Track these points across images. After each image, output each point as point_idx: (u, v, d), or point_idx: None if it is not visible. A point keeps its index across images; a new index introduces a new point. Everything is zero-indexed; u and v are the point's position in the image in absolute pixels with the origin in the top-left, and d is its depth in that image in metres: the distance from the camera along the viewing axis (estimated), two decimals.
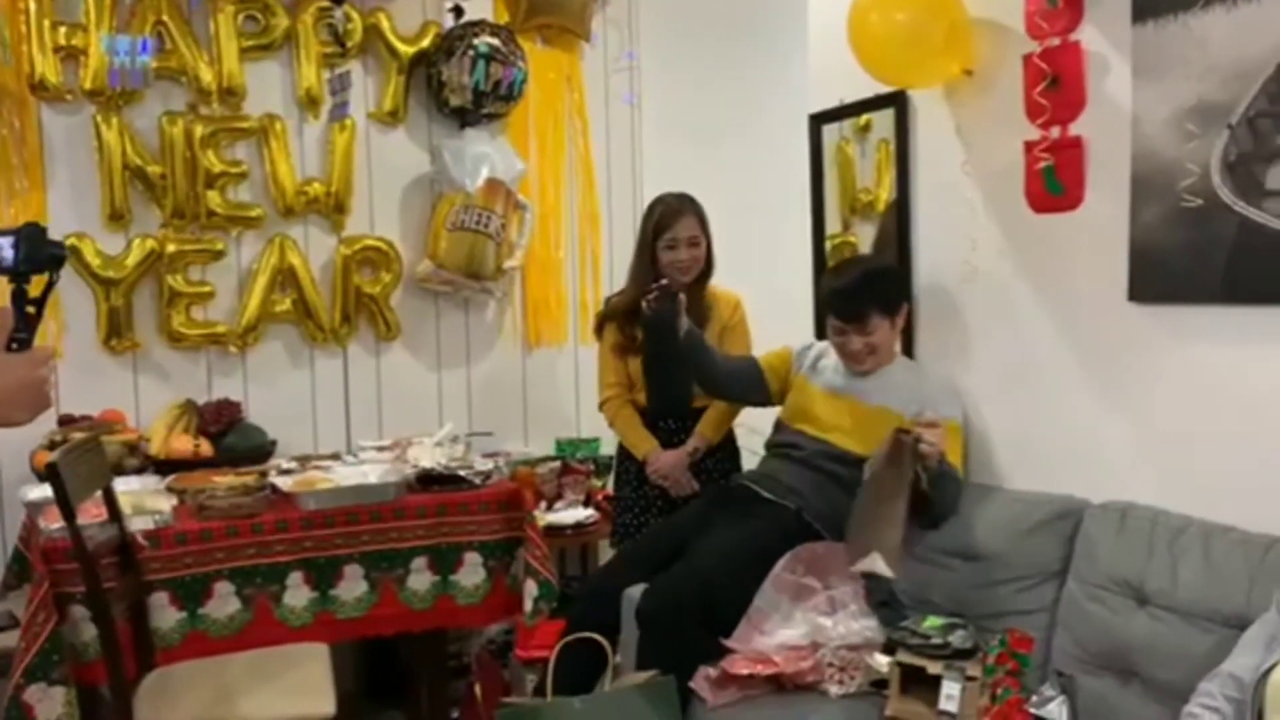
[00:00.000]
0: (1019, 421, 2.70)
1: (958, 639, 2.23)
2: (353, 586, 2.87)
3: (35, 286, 1.49)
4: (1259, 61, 2.06)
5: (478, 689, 3.18)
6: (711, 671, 2.38)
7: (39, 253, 1.50)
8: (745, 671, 2.34)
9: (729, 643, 2.42)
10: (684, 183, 3.19)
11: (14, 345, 1.44)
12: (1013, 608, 2.39)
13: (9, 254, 1.48)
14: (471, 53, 3.52)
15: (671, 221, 3.04)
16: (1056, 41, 2.45)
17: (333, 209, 3.60)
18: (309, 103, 3.55)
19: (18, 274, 1.47)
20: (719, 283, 3.20)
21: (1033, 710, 2.19)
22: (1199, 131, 2.18)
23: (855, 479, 2.56)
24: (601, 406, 3.27)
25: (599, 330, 3.24)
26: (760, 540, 2.58)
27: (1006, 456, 2.72)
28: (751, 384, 2.94)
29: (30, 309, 1.46)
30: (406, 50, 3.64)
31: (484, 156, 3.62)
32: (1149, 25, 2.27)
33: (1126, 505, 2.29)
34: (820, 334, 3.00)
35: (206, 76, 3.39)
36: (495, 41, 3.57)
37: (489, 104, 3.61)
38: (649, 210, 3.14)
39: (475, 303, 3.85)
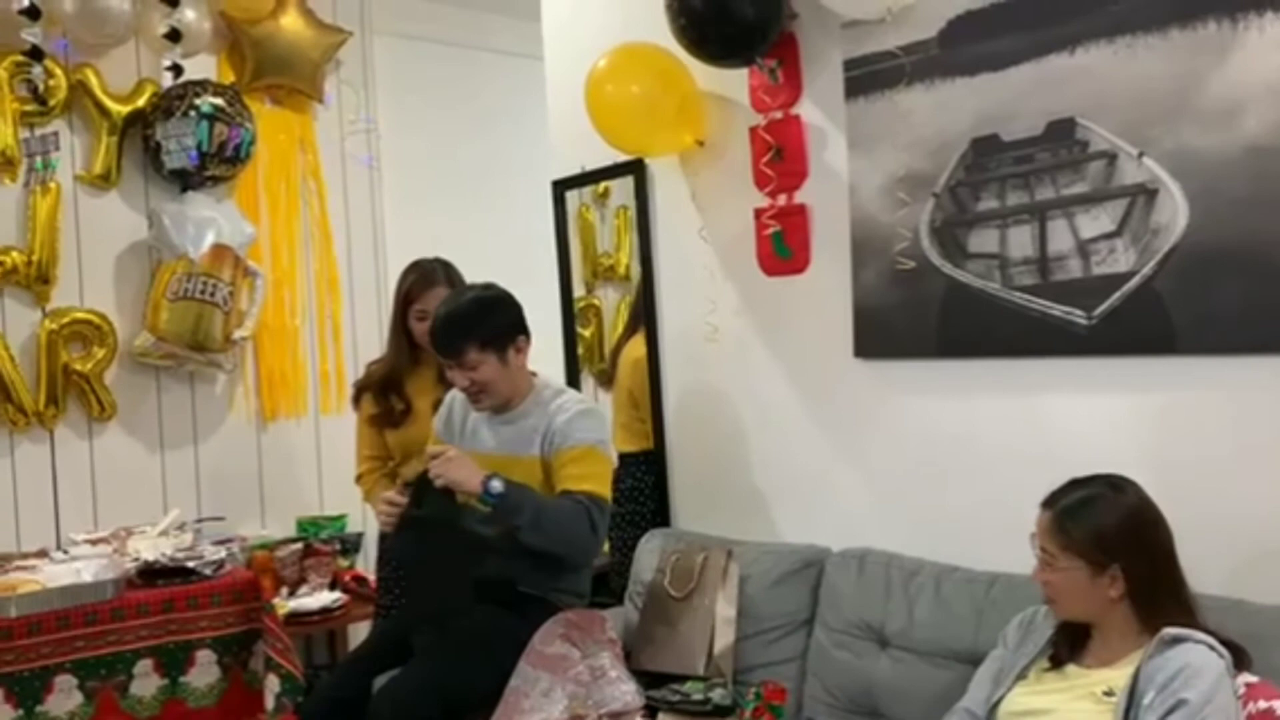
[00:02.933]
0: (764, 474, 2.79)
1: (718, 696, 2.26)
2: (64, 700, 2.57)
3: None
4: (956, 136, 2.27)
5: None
6: None
7: None
8: None
9: None
10: (428, 246, 3.13)
11: None
12: (766, 659, 2.44)
13: None
14: (193, 113, 3.32)
15: (421, 292, 2.92)
16: (779, 114, 2.59)
17: (35, 279, 3.27)
18: (5, 164, 3.23)
19: None
20: None
21: None
22: (909, 199, 2.35)
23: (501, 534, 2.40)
24: (357, 480, 3.10)
25: (356, 401, 3.08)
26: (496, 623, 2.47)
27: (755, 508, 2.80)
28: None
29: None
30: (119, 109, 3.38)
31: (209, 221, 3.41)
32: (860, 101, 2.44)
33: (864, 551, 2.41)
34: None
35: None
36: (219, 101, 3.39)
37: (213, 166, 3.42)
38: (402, 277, 3.01)
39: (202, 376, 3.60)
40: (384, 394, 2.96)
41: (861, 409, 2.52)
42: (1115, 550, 1.68)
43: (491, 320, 2.50)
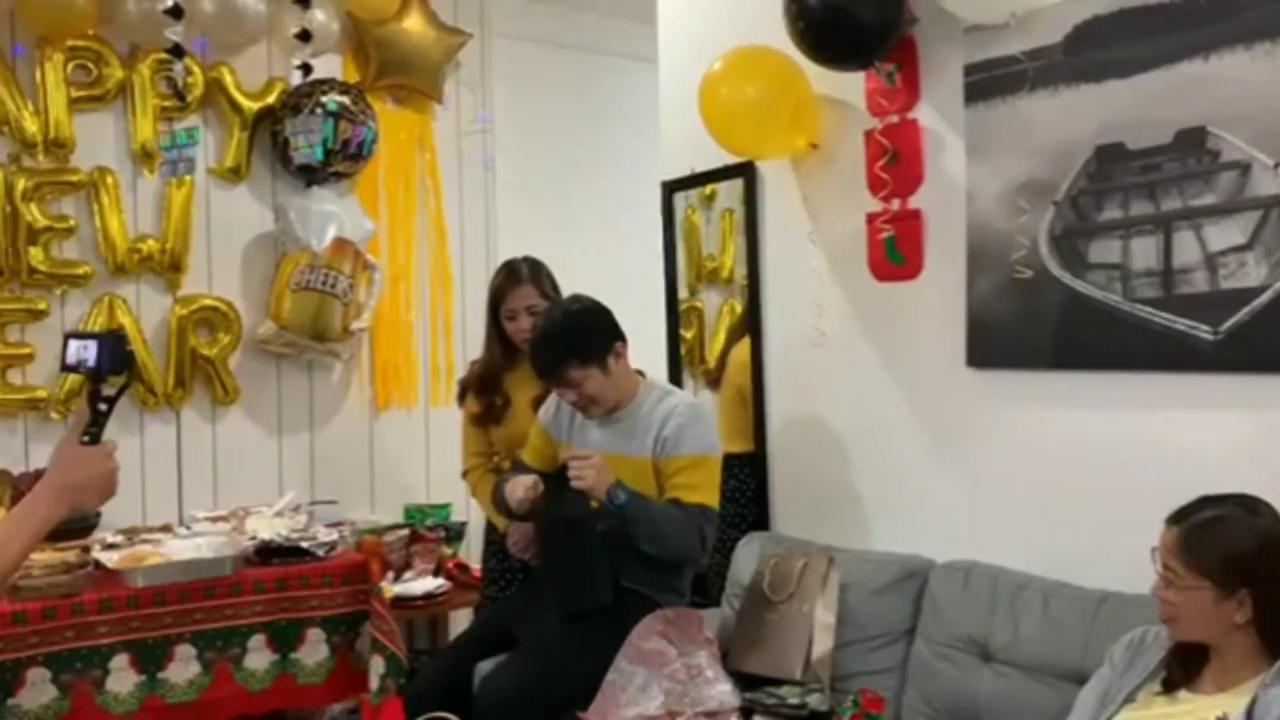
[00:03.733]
0: (868, 481, 2.77)
1: (814, 701, 2.25)
2: (184, 668, 2.67)
3: (109, 385, 1.65)
4: (1079, 143, 2.21)
5: None
6: None
7: (119, 357, 1.68)
8: None
9: (584, 716, 2.37)
10: (538, 245, 3.18)
11: (86, 439, 1.61)
12: (864, 668, 2.42)
13: (93, 357, 1.65)
14: (320, 110, 3.45)
15: (508, 291, 2.95)
16: (896, 119, 2.57)
17: (168, 267, 3.44)
18: (144, 156, 3.40)
19: (98, 376, 1.64)
20: None
21: None
22: (1028, 207, 2.31)
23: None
24: (464, 475, 3.18)
25: (461, 398, 3.16)
26: (597, 616, 2.50)
27: (857, 515, 2.78)
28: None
29: (103, 406, 1.64)
30: (250, 106, 3.53)
31: (331, 215, 3.53)
32: (980, 106, 2.41)
33: (970, 564, 2.37)
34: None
35: (31, 127, 3.21)
36: (344, 99, 3.51)
37: (337, 162, 3.54)
38: (494, 276, 3.09)
39: (320, 365, 3.73)
40: (484, 391, 3.03)
41: (971, 419, 2.48)
42: (1246, 575, 1.62)
43: (586, 334, 2.55)
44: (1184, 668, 1.72)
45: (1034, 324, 2.32)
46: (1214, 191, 2.01)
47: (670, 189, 3.38)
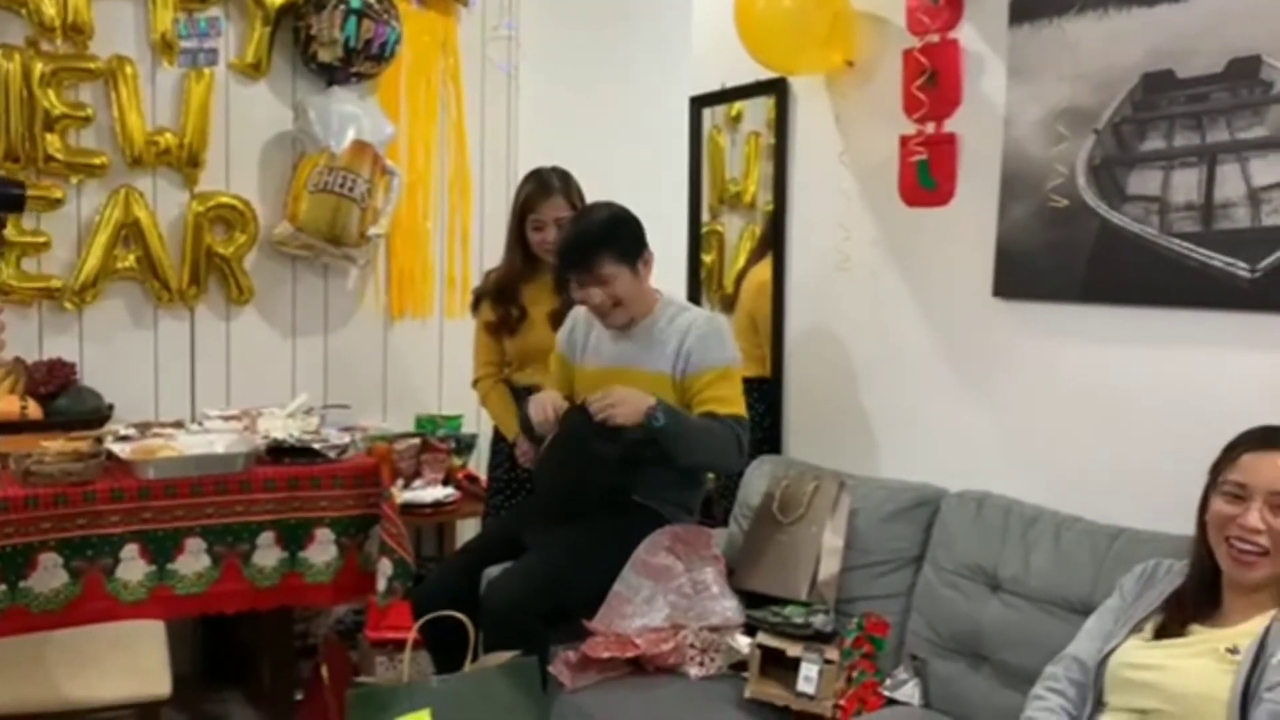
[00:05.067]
0: (884, 408, 2.75)
1: (819, 622, 2.26)
2: (193, 561, 2.70)
3: None
4: (1126, 70, 2.14)
5: (324, 670, 3.05)
6: (571, 655, 2.34)
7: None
8: (605, 654, 2.31)
9: (590, 625, 2.39)
10: (560, 157, 3.13)
11: None
12: (870, 592, 2.43)
13: None
14: (343, 7, 3.37)
15: (538, 201, 2.93)
16: (936, 38, 2.49)
17: (185, 162, 3.40)
18: (164, 47, 3.34)
19: None
20: None
21: (887, 692, 2.24)
22: (1068, 134, 2.24)
23: (645, 455, 2.46)
24: (474, 385, 3.17)
25: (475, 306, 3.14)
26: (606, 528, 2.52)
27: (870, 442, 2.76)
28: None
29: None
30: (274, 0, 3.45)
31: (352, 117, 3.47)
32: (1025, 27, 2.33)
33: (983, 494, 2.35)
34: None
35: (50, 10, 3.15)
36: None
37: (359, 62, 3.47)
38: (521, 184, 3.04)
39: (335, 269, 3.70)
40: (501, 301, 3.00)
41: (995, 350, 2.44)
42: None
43: (623, 233, 2.55)
44: (1195, 603, 1.71)
45: (1065, 255, 2.26)
46: (1264, 124, 1.95)
47: (699, 104, 3.30)
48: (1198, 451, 1.74)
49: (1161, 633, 1.72)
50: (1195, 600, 1.72)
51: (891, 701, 2.24)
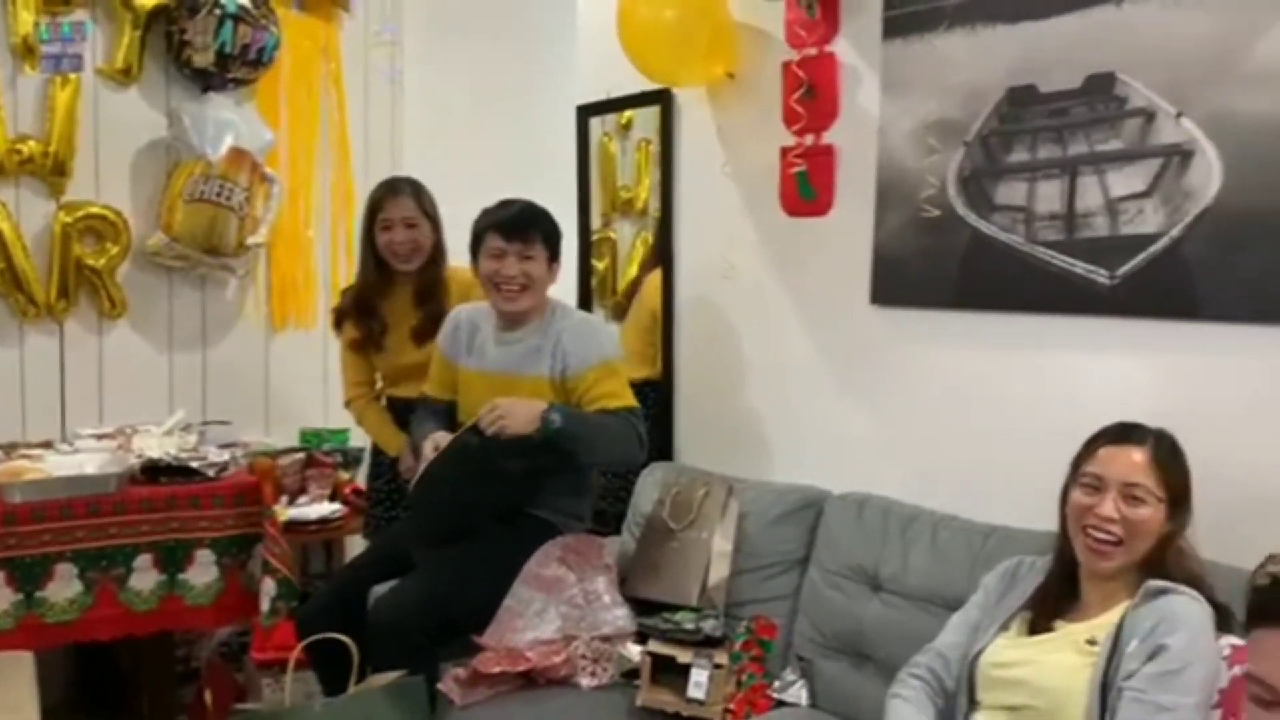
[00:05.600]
0: (770, 413, 2.79)
1: (709, 626, 2.28)
2: (64, 587, 2.61)
3: None
4: (992, 84, 2.22)
5: (208, 695, 2.97)
6: (461, 672, 2.32)
7: None
8: (496, 669, 2.29)
9: (480, 640, 2.37)
10: (447, 165, 3.11)
11: None
12: (759, 595, 2.46)
13: None
14: (218, 11, 3.27)
15: (386, 200, 2.91)
16: (813, 52, 2.55)
17: (51, 171, 3.25)
18: (25, 51, 3.19)
19: None
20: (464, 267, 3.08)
21: (775, 694, 2.28)
22: (939, 146, 2.32)
23: (548, 463, 2.47)
24: (346, 405, 3.11)
25: (338, 325, 3.07)
26: (497, 542, 2.50)
27: (758, 447, 2.80)
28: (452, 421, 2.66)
29: None
30: (143, 3, 3.33)
31: (228, 124, 3.38)
32: (898, 42, 2.40)
33: (864, 495, 2.41)
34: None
35: None
36: (244, 1, 3.33)
37: (235, 68, 3.37)
38: (372, 192, 3.02)
39: (214, 280, 3.59)
40: (362, 316, 2.96)
41: (873, 355, 2.51)
42: (1187, 496, 1.71)
43: (554, 226, 2.62)
44: (1056, 600, 1.77)
45: (938, 263, 2.34)
46: (1119, 138, 2.05)
47: (586, 113, 3.31)
48: (1064, 450, 1.81)
49: (1032, 629, 1.78)
50: (1058, 594, 1.78)
51: (780, 703, 2.27)
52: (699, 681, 2.21)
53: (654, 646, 2.27)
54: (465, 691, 2.29)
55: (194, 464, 2.83)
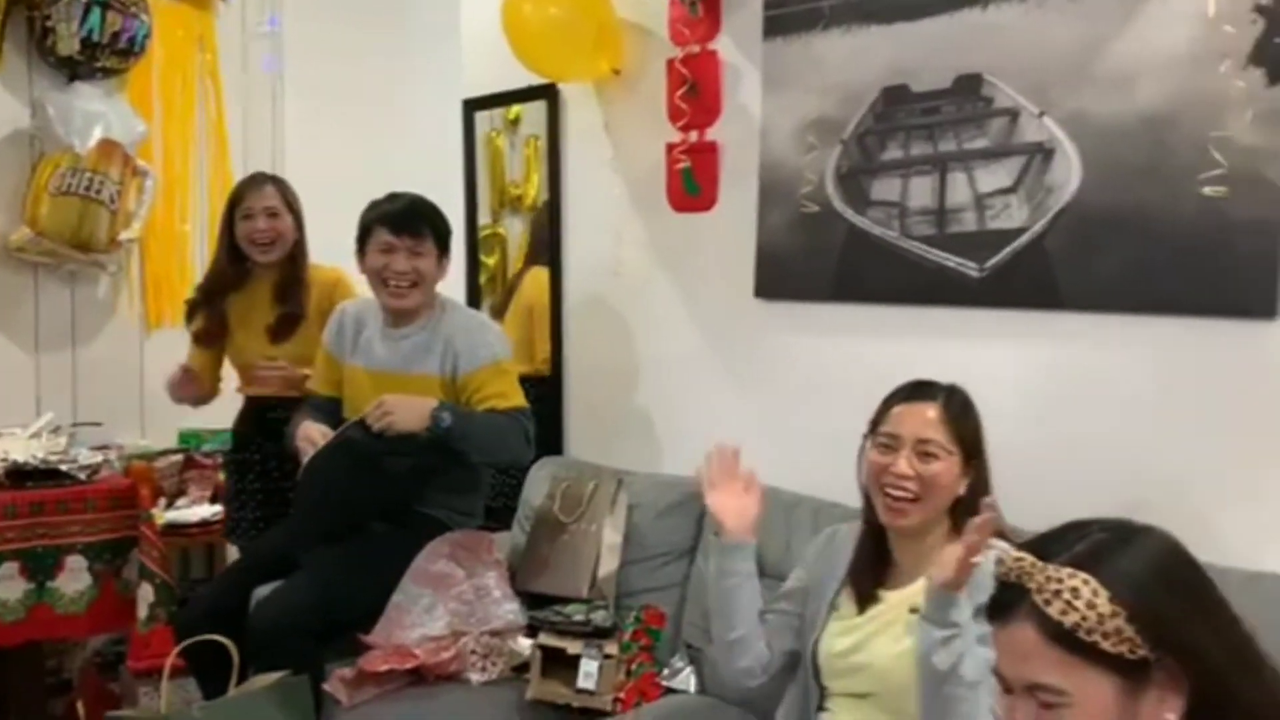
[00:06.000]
0: (659, 406, 2.83)
1: (599, 618, 2.30)
2: None
3: None
4: (867, 84, 2.29)
5: (80, 707, 2.86)
6: (347, 672, 2.29)
7: None
8: (383, 668, 2.27)
9: (366, 639, 2.34)
10: (329, 159, 3.06)
11: None
12: (649, 585, 2.49)
13: None
14: None
15: (246, 191, 2.87)
16: (696, 49, 2.58)
17: None
18: None
19: None
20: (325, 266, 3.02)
21: (664, 682, 2.31)
22: (817, 144, 2.38)
23: (436, 461, 2.45)
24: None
25: (189, 317, 2.97)
26: (385, 540, 2.49)
27: (648, 439, 2.83)
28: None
29: None
30: None
31: (97, 115, 3.25)
32: (778, 41, 2.45)
33: None
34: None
35: None
36: None
37: (104, 57, 3.25)
38: (234, 186, 2.98)
39: (84, 277, 3.45)
40: (210, 307, 2.90)
41: (758, 348, 2.56)
42: (979, 445, 1.73)
43: (444, 222, 2.59)
44: (874, 564, 1.77)
45: (818, 258, 2.40)
46: (986, 136, 2.13)
47: (472, 108, 3.29)
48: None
49: (861, 606, 1.77)
50: (874, 561, 1.77)
51: (670, 690, 2.30)
52: (589, 672, 2.23)
53: (544, 639, 2.28)
54: (352, 691, 2.26)
55: (62, 467, 2.72)
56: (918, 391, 1.78)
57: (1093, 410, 2.01)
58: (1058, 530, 1.08)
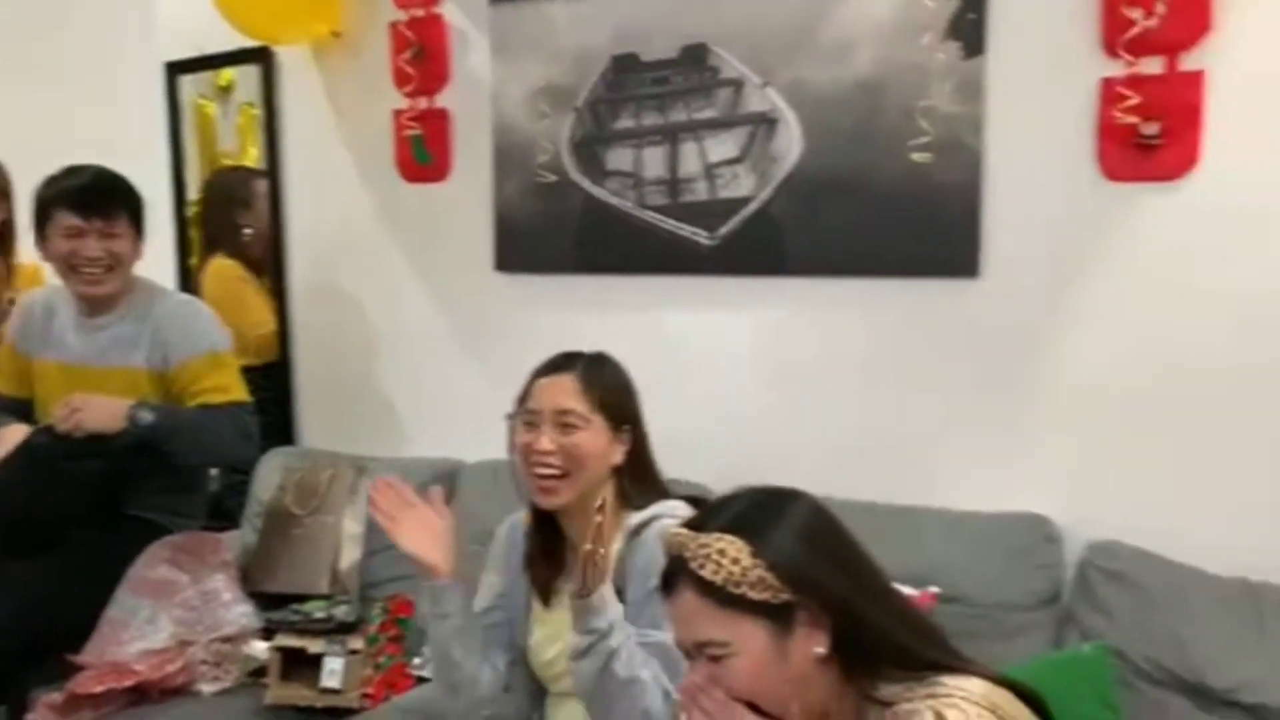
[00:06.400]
0: (399, 387, 2.72)
1: (341, 612, 2.19)
2: None
3: None
4: (597, 52, 2.28)
5: None
6: (55, 697, 2.06)
7: None
8: (99, 689, 2.06)
9: (75, 659, 2.11)
10: (12, 132, 2.71)
11: None
12: (396, 573, 2.37)
13: None
14: None
15: None
16: (421, 13, 2.48)
17: None
18: None
19: None
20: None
21: (416, 671, 2.23)
22: (550, 112, 2.35)
23: (142, 464, 2.25)
24: None
25: None
26: (93, 550, 2.26)
27: (390, 422, 2.72)
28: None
29: None
30: None
31: None
32: (506, 6, 2.39)
33: (496, 463, 2.39)
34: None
35: None
36: None
37: None
38: None
39: None
40: None
41: (500, 323, 2.50)
42: (629, 410, 1.65)
43: (137, 198, 2.32)
44: (547, 555, 1.66)
45: (557, 229, 2.37)
46: (714, 106, 2.17)
47: (175, 71, 3.02)
48: (673, 404, 1.87)
49: (544, 600, 1.66)
50: (546, 551, 1.66)
51: (422, 679, 2.22)
52: (333, 670, 2.11)
53: (281, 640, 2.15)
54: (63, 718, 2.04)
55: None
56: (557, 364, 1.67)
57: (820, 371, 2.10)
58: (714, 503, 1.23)
